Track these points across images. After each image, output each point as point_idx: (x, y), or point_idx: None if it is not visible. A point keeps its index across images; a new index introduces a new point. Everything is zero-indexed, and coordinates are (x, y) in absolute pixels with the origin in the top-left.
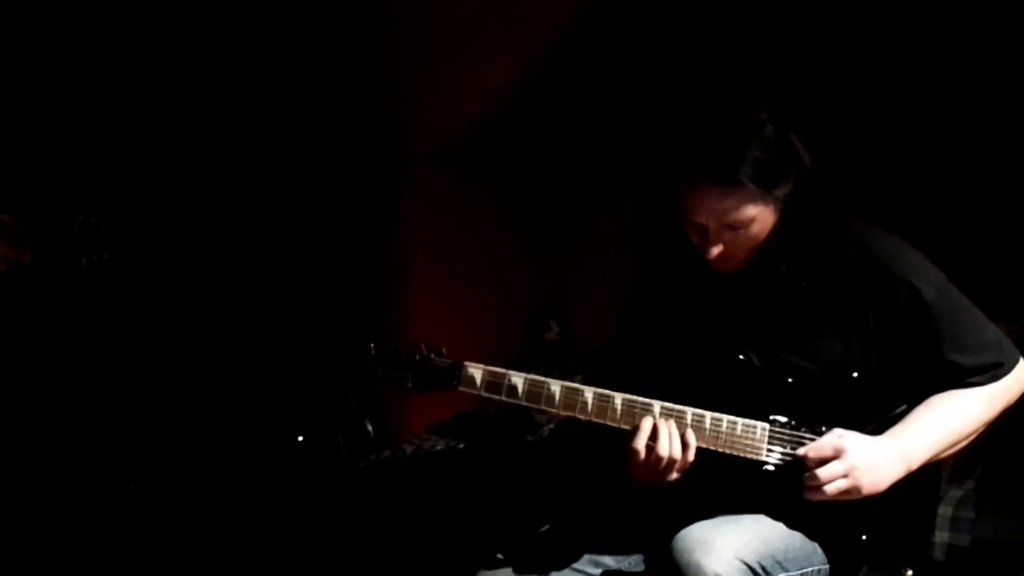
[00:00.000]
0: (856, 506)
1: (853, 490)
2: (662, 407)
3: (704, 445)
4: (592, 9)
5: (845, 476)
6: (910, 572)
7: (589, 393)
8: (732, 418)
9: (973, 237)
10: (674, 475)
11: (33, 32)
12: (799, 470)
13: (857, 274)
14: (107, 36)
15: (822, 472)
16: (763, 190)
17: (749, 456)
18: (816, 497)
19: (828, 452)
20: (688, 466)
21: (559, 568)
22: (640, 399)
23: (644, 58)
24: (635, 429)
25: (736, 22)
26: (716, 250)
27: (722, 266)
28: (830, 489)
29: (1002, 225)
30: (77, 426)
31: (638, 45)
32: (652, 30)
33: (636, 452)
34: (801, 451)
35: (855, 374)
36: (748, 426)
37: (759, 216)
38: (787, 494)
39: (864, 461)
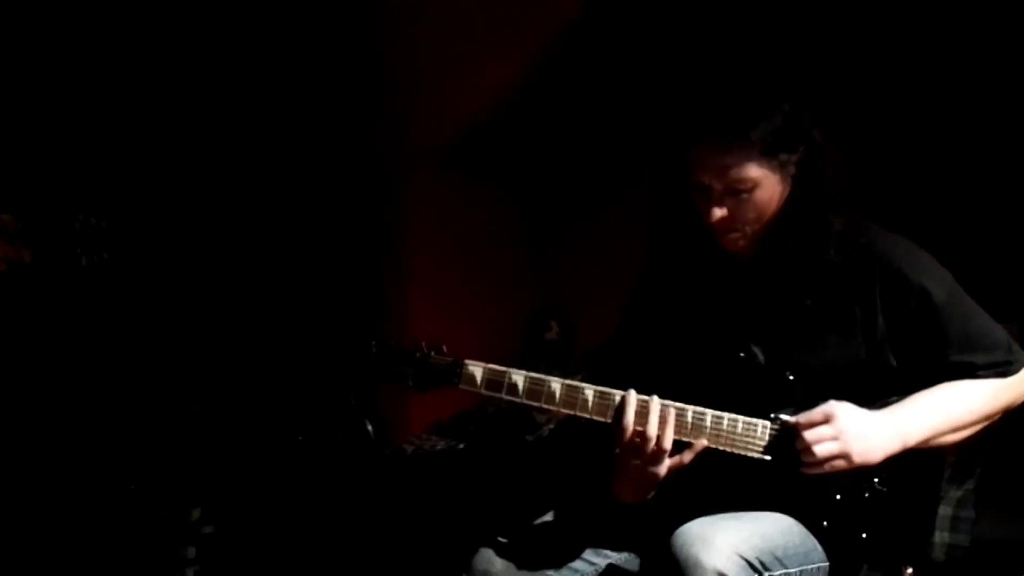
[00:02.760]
0: (856, 504)
1: (842, 455)
2: (662, 404)
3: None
4: (591, 9)
5: (834, 439)
6: (910, 571)
7: (589, 391)
8: (733, 416)
9: (973, 237)
10: (661, 466)
11: (33, 32)
12: (795, 452)
13: (865, 275)
14: (107, 36)
15: (809, 434)
16: (769, 154)
17: (750, 455)
18: (808, 461)
19: (818, 417)
20: (673, 462)
21: (557, 564)
22: (640, 396)
23: (643, 58)
24: (620, 406)
25: (737, 21)
26: (719, 212)
27: (729, 240)
28: (819, 451)
29: (1002, 225)
30: (77, 426)
31: (637, 45)
32: (651, 30)
33: (623, 430)
34: (793, 419)
35: (859, 374)
36: (749, 424)
37: (763, 182)
38: (787, 490)
39: (854, 428)
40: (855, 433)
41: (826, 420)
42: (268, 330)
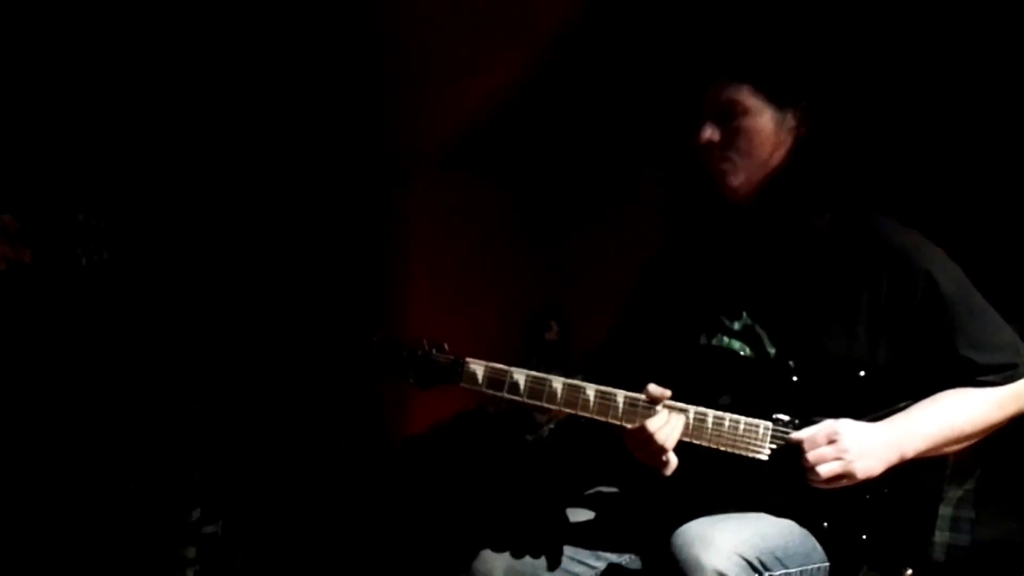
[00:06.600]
0: (857, 505)
1: (846, 475)
2: (665, 406)
3: (706, 444)
4: (591, 10)
5: (838, 459)
6: (910, 572)
7: (591, 390)
8: (735, 417)
9: (974, 237)
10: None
11: (33, 32)
12: (798, 466)
13: (874, 262)
14: (107, 36)
15: (812, 455)
16: (764, 90)
17: (751, 455)
18: (812, 480)
19: (821, 438)
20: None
21: (557, 566)
22: (643, 397)
23: (643, 59)
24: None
25: (736, 21)
26: (708, 131)
27: (720, 171)
28: (823, 471)
29: (1003, 225)
30: (77, 426)
31: (637, 46)
32: (651, 30)
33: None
34: (795, 435)
35: (861, 372)
36: (750, 425)
37: (754, 112)
38: (787, 492)
39: (856, 446)
40: (858, 451)
41: (829, 440)
42: (268, 330)
